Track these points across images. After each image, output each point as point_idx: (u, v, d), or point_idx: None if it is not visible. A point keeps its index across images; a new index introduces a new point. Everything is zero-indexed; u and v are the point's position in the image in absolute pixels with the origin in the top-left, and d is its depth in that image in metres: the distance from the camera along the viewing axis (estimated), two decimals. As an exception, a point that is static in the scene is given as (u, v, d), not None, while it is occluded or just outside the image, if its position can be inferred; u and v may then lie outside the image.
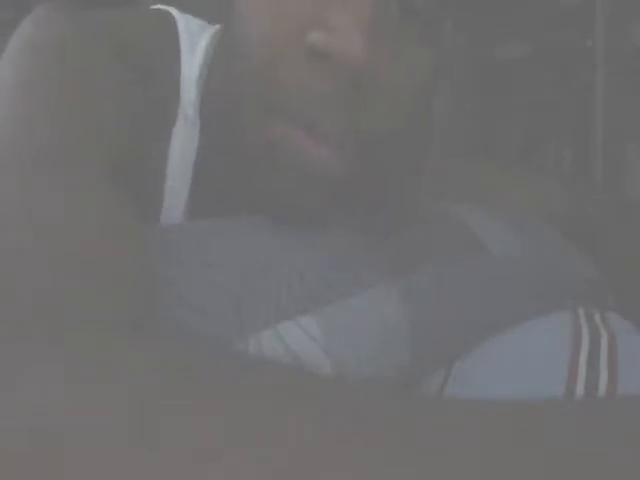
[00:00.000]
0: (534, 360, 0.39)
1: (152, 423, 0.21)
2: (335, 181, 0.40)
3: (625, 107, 1.41)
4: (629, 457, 0.21)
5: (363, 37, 0.36)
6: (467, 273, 0.45)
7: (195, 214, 0.47)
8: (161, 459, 0.21)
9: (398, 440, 0.21)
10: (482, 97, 1.57)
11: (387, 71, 0.39)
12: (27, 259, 0.30)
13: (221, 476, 0.20)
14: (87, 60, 0.43)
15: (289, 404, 0.22)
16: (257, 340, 0.38)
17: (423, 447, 0.21)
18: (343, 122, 0.39)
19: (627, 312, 0.46)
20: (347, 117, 0.39)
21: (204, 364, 0.24)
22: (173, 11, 0.50)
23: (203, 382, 0.23)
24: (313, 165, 0.39)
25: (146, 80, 0.45)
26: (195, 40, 0.49)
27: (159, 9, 0.51)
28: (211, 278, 0.39)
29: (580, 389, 0.36)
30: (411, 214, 0.49)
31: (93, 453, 0.21)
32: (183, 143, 0.47)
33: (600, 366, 0.38)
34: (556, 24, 1.51)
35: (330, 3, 0.38)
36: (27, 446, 0.22)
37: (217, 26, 0.51)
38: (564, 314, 0.42)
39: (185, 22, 0.49)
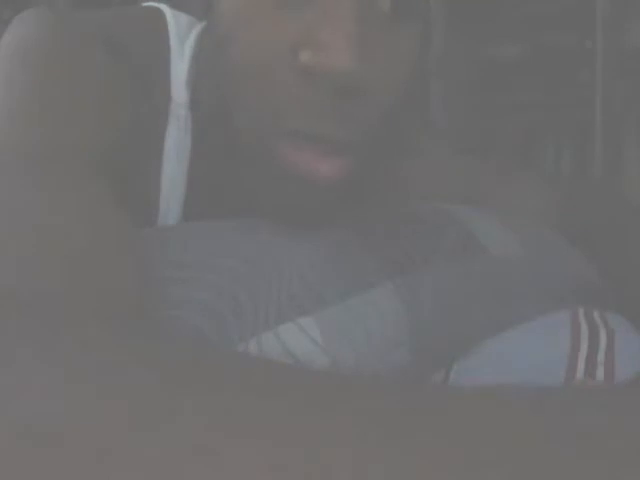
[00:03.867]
0: (533, 360, 0.39)
1: (152, 423, 0.21)
2: (339, 184, 0.41)
3: (625, 107, 1.41)
4: (628, 454, 0.21)
5: (352, 51, 0.37)
6: (467, 273, 0.45)
7: (191, 215, 0.47)
8: (161, 458, 0.21)
9: (398, 439, 0.21)
10: (481, 97, 1.57)
11: (378, 69, 0.40)
12: (16, 258, 0.30)
13: (221, 475, 0.20)
14: (78, 60, 0.43)
15: (289, 403, 0.22)
16: (257, 341, 0.38)
17: (423, 446, 0.21)
18: (344, 130, 0.40)
19: (627, 312, 0.46)
20: (347, 124, 0.40)
21: (204, 364, 0.24)
22: (164, 8, 0.50)
23: (202, 382, 0.23)
24: (319, 176, 0.40)
25: (138, 80, 0.45)
26: (184, 39, 0.49)
27: (150, 7, 0.51)
28: (210, 279, 0.39)
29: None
30: (405, 201, 0.50)
31: (92, 453, 0.21)
32: (177, 143, 0.47)
33: (598, 364, 0.38)
34: (556, 24, 1.51)
35: (316, 20, 0.38)
36: (26, 448, 0.22)
37: (204, 23, 0.51)
38: (564, 313, 0.42)
39: (175, 20, 0.49)
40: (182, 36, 0.49)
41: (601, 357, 0.38)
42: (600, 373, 0.37)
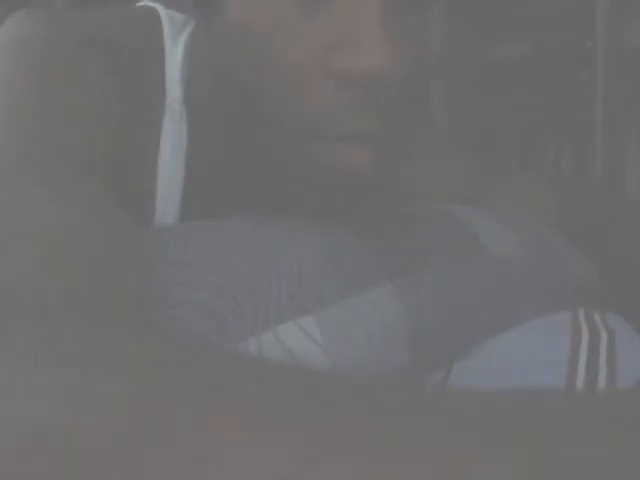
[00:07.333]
0: (534, 361, 0.39)
1: (152, 423, 0.21)
2: (367, 176, 0.42)
3: (625, 107, 1.41)
4: (628, 452, 0.21)
5: (388, 50, 0.37)
6: (467, 273, 0.45)
7: (189, 213, 0.47)
8: (161, 459, 0.21)
9: (398, 439, 0.21)
10: (482, 97, 1.57)
11: (405, 62, 0.40)
12: (16, 258, 0.30)
13: (221, 476, 0.20)
14: (71, 60, 0.43)
15: (289, 403, 0.22)
16: (257, 341, 0.38)
17: (423, 446, 0.21)
18: (374, 125, 0.41)
19: (627, 312, 0.46)
20: (376, 120, 0.41)
21: (204, 364, 0.24)
22: (158, 7, 0.50)
23: (203, 382, 0.23)
24: (352, 168, 0.41)
25: (131, 78, 0.45)
26: (178, 36, 0.49)
27: (144, 6, 0.51)
28: (210, 279, 0.39)
29: (579, 387, 0.36)
30: (408, 205, 0.50)
31: (92, 454, 0.21)
32: (172, 139, 0.47)
33: (599, 366, 0.38)
34: (556, 24, 1.51)
35: (346, 21, 0.38)
36: (27, 448, 0.22)
37: (196, 21, 0.51)
38: (564, 314, 0.42)
39: (169, 18, 0.50)
40: (176, 33, 0.49)
41: (602, 358, 0.38)
42: (602, 375, 0.37)
